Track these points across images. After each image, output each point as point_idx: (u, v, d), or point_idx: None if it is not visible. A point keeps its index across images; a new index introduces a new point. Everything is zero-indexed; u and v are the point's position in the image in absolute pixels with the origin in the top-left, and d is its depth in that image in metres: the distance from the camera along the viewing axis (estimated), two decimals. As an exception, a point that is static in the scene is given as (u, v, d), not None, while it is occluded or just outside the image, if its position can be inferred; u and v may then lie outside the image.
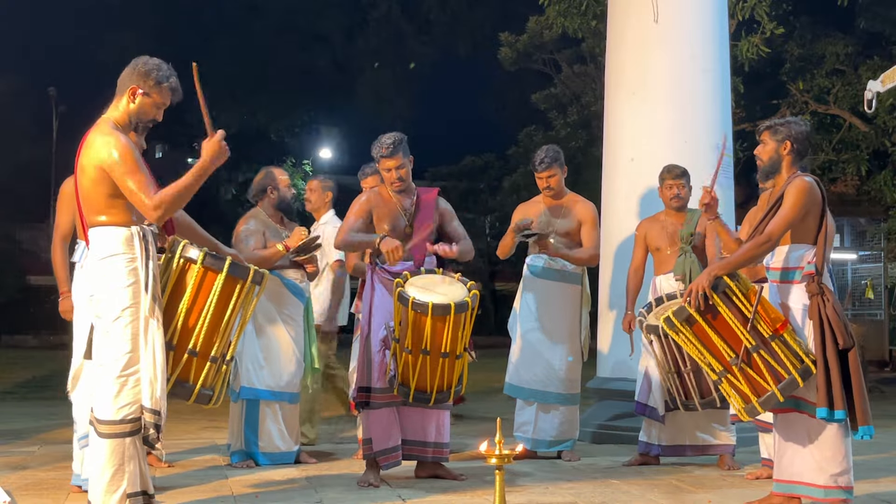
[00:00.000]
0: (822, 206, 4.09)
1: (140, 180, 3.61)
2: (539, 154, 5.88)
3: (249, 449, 5.38)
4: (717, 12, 7.08)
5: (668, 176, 5.70)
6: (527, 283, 5.91)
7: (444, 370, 4.64)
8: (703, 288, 3.95)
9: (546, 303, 5.80)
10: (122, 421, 3.61)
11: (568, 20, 12.76)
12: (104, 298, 3.64)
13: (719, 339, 3.98)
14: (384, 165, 4.94)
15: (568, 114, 19.46)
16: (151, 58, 3.82)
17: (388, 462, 4.83)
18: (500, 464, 3.37)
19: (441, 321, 4.52)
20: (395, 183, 4.95)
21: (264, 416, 5.41)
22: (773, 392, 3.93)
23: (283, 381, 5.45)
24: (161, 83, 3.77)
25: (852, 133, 14.48)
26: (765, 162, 4.21)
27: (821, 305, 3.96)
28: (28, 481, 4.84)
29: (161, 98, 3.80)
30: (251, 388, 5.38)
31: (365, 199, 5.02)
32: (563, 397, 5.76)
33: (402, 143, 4.93)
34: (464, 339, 4.63)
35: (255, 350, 5.40)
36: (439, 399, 4.73)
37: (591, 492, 4.65)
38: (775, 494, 4.17)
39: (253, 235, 5.45)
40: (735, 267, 4.05)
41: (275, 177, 5.63)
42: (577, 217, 5.81)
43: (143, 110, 3.78)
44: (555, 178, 5.82)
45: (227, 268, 3.84)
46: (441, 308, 4.50)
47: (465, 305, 4.55)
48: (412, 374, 4.63)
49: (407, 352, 4.60)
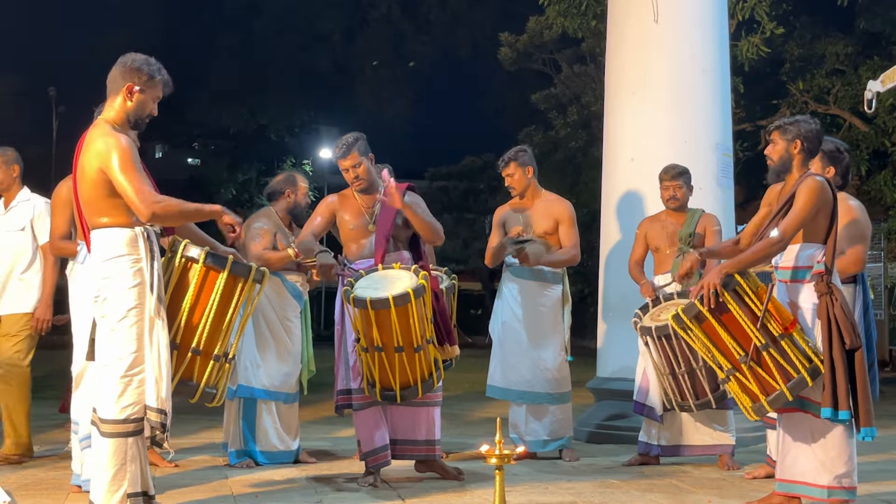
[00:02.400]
0: (832, 205, 4.09)
1: (135, 178, 3.60)
2: (502, 157, 5.82)
3: (247, 447, 5.39)
4: (717, 12, 7.09)
5: (665, 177, 5.71)
6: (507, 282, 5.86)
7: (402, 365, 4.58)
8: (714, 285, 3.95)
9: (527, 302, 5.75)
10: (126, 421, 3.61)
11: (568, 20, 12.77)
12: (109, 299, 3.64)
13: (729, 337, 3.98)
14: (341, 166, 4.94)
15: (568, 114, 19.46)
16: (137, 54, 3.82)
17: (376, 463, 4.81)
18: (500, 464, 3.37)
19: (384, 315, 4.44)
20: (354, 182, 4.95)
21: (261, 414, 5.42)
22: (781, 391, 3.94)
23: (279, 381, 5.46)
24: (154, 77, 3.79)
25: (852, 133, 14.48)
26: (775, 161, 4.19)
27: (829, 305, 3.96)
28: (28, 481, 4.84)
29: (157, 92, 3.82)
30: (248, 386, 5.39)
31: (329, 202, 5.05)
32: (551, 397, 5.72)
33: (358, 143, 4.90)
34: (420, 330, 4.52)
35: (252, 349, 5.41)
36: (405, 395, 4.67)
37: (591, 492, 4.65)
38: (776, 494, 4.17)
39: (265, 234, 5.47)
40: (746, 265, 4.05)
41: (296, 182, 5.65)
42: (554, 216, 5.77)
43: (140, 107, 3.78)
44: (512, 178, 5.76)
45: (229, 266, 3.85)
46: (380, 302, 4.42)
47: (406, 297, 4.42)
48: (374, 372, 4.62)
49: (364, 350, 4.60)
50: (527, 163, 5.78)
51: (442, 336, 4.75)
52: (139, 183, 3.60)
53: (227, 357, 3.93)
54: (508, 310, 5.81)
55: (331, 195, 5.14)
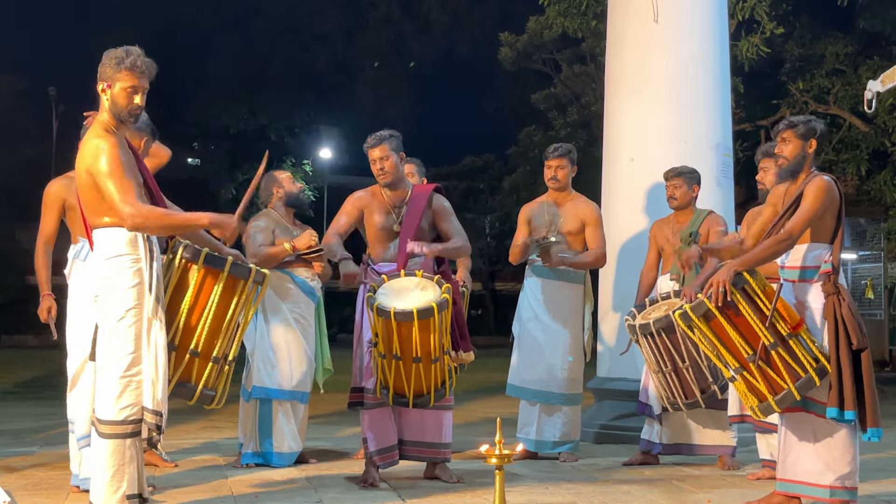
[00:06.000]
0: (839, 205, 4.10)
1: (120, 184, 3.56)
2: (554, 144, 6.00)
3: (264, 449, 5.34)
4: (717, 12, 7.08)
5: (665, 177, 5.73)
6: (529, 282, 5.91)
7: (418, 375, 4.58)
8: (723, 283, 3.95)
9: (548, 302, 5.80)
10: (125, 422, 3.61)
11: (568, 20, 12.76)
12: (108, 299, 3.63)
13: (738, 335, 3.98)
14: (370, 157, 4.93)
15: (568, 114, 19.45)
16: (113, 49, 3.70)
17: (384, 461, 4.83)
18: (500, 464, 3.37)
19: (406, 327, 4.44)
20: (380, 175, 4.93)
21: (277, 415, 5.38)
22: (789, 390, 3.93)
23: (295, 381, 5.42)
24: (120, 65, 3.64)
25: (852, 133, 14.46)
26: (790, 160, 4.16)
27: (836, 305, 3.96)
28: (28, 481, 4.84)
29: (126, 81, 3.66)
30: (262, 387, 5.35)
31: (356, 198, 5.02)
32: (564, 397, 5.75)
33: (391, 138, 4.91)
34: (438, 342, 4.52)
35: (266, 349, 5.38)
36: (418, 403, 4.69)
37: (591, 492, 4.65)
38: (777, 493, 4.17)
39: (261, 232, 5.46)
40: (754, 263, 4.05)
41: (275, 177, 5.65)
42: (581, 217, 5.81)
43: (115, 101, 3.68)
44: (563, 171, 5.85)
45: (229, 268, 3.84)
46: (403, 314, 4.41)
47: (430, 311, 4.41)
48: (389, 378, 4.62)
49: (381, 356, 4.60)
50: (574, 162, 5.94)
51: (457, 342, 4.73)
52: (123, 192, 3.55)
53: (226, 359, 3.91)
54: (528, 308, 5.85)
55: (358, 191, 5.09)
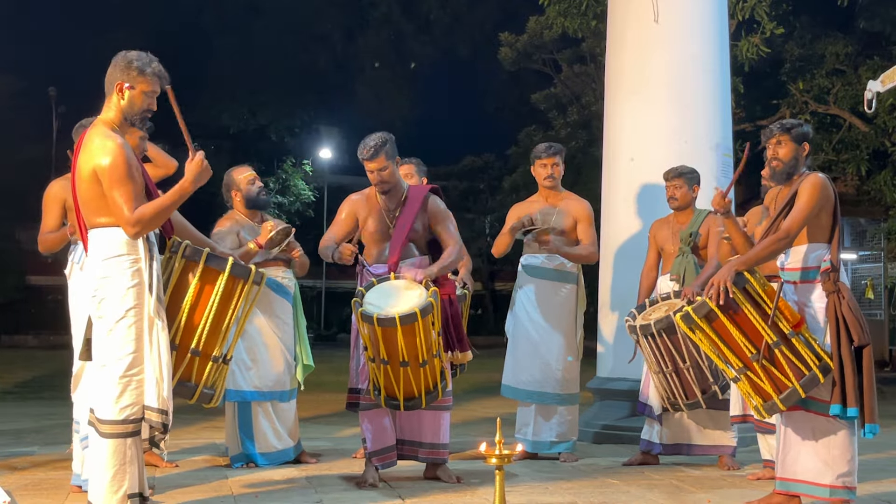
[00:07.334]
0: (834, 203, 4.11)
1: (126, 192, 3.58)
2: (546, 143, 6.00)
3: (247, 451, 5.36)
4: (717, 12, 7.09)
5: (665, 177, 5.73)
6: (522, 282, 5.89)
7: (407, 378, 4.57)
8: (724, 283, 3.96)
9: (542, 302, 5.79)
10: (125, 421, 3.61)
11: (568, 20, 12.77)
12: (107, 298, 3.63)
13: (741, 335, 3.98)
14: (367, 168, 4.91)
15: (568, 114, 19.47)
16: (130, 51, 3.77)
17: (383, 462, 4.83)
18: (500, 464, 3.37)
19: (390, 332, 4.42)
20: (378, 185, 4.92)
21: (257, 416, 5.39)
22: (794, 388, 3.93)
23: (271, 381, 5.42)
24: (144, 70, 3.72)
25: (852, 133, 14.47)
26: (785, 163, 4.20)
27: (837, 303, 3.97)
28: (28, 481, 4.84)
29: (148, 86, 3.74)
30: (237, 390, 5.33)
31: (351, 202, 5.03)
32: (560, 398, 5.74)
33: (386, 146, 4.84)
34: (425, 346, 4.50)
35: (240, 352, 5.34)
36: (409, 406, 4.68)
37: (591, 492, 4.65)
38: (777, 493, 4.17)
39: (226, 237, 5.41)
40: (754, 263, 4.06)
41: (232, 178, 5.58)
42: (573, 215, 5.81)
43: (133, 103, 3.73)
44: (558, 168, 5.87)
45: (230, 268, 3.85)
46: (386, 320, 4.40)
47: (413, 316, 4.38)
48: (380, 381, 4.62)
49: (371, 360, 4.60)
50: (564, 161, 5.98)
51: (454, 342, 4.73)
52: (129, 203, 3.58)
53: (224, 358, 3.93)
54: (522, 309, 5.84)
55: (353, 194, 5.09)
